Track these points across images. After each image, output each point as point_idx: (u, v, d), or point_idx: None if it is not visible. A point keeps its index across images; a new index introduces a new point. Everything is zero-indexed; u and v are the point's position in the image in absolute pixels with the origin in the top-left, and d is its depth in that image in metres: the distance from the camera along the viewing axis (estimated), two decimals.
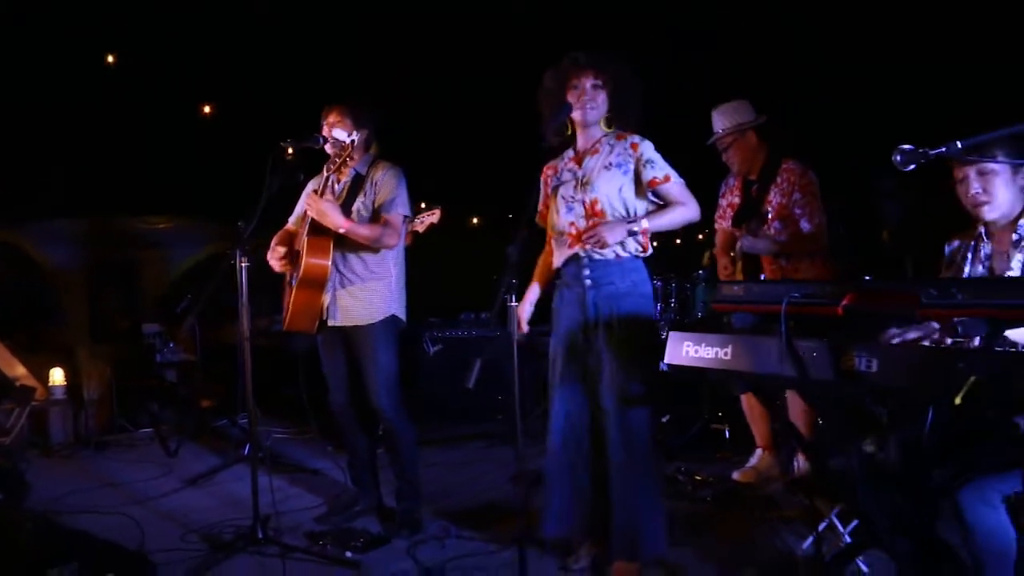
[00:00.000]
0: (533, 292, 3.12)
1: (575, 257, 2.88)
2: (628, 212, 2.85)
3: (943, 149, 1.87)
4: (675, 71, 5.54)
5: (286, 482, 4.26)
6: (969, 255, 2.53)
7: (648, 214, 2.85)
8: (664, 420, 4.51)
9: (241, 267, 3.20)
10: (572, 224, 2.89)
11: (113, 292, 5.82)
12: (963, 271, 2.54)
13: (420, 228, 4.43)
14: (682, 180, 2.88)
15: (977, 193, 2.41)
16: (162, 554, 3.17)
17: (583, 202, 2.87)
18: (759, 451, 4.06)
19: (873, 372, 2.13)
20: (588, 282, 2.86)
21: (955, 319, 1.89)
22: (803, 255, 3.80)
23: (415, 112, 6.98)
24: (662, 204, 2.89)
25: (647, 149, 2.88)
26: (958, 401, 1.92)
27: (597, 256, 2.84)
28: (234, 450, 4.74)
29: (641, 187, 2.86)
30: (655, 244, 2.92)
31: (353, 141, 3.33)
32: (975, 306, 1.84)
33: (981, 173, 2.39)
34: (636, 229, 2.79)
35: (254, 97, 6.90)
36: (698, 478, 3.95)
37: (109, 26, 6.27)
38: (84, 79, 6.49)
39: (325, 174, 3.44)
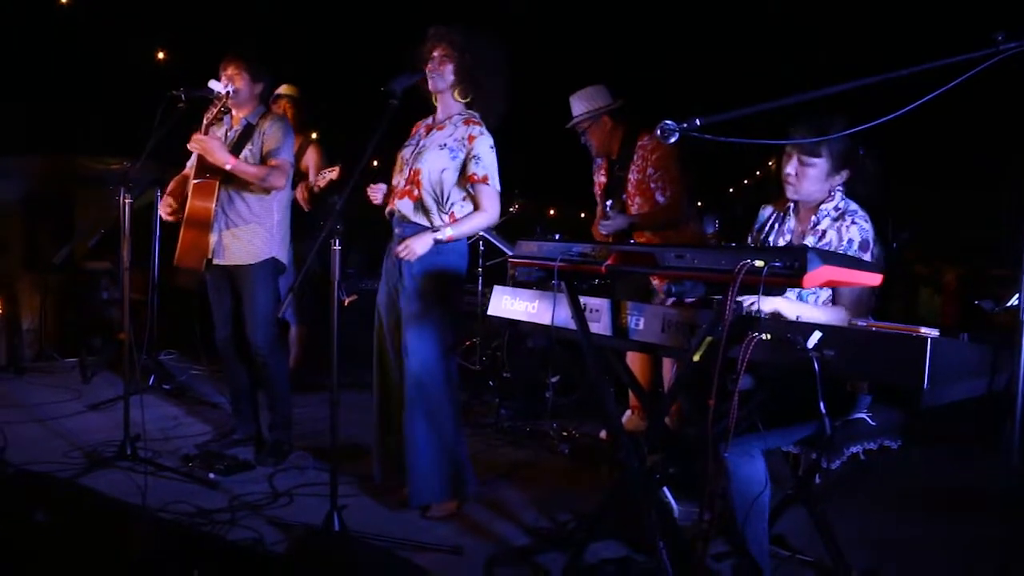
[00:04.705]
0: None
1: (391, 213, 3.14)
2: (442, 192, 3.05)
3: (684, 125, 2.03)
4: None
5: (184, 412, 4.53)
6: (777, 225, 2.72)
7: (453, 223, 3.04)
8: (553, 380, 4.73)
9: (125, 204, 3.42)
10: (399, 183, 3.12)
11: (50, 227, 6.01)
12: (768, 239, 2.74)
13: (322, 183, 4.63)
14: (497, 188, 3.07)
15: (789, 174, 2.55)
16: (45, 464, 3.43)
17: (411, 169, 3.08)
18: (628, 412, 4.30)
19: (640, 329, 2.35)
20: (400, 238, 3.09)
21: (669, 282, 2.09)
22: (666, 226, 4.00)
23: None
24: (473, 199, 3.08)
25: (480, 145, 3.04)
26: (697, 358, 2.14)
27: (409, 215, 3.07)
28: (142, 380, 4.97)
29: (463, 176, 3.06)
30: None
31: (229, 92, 3.51)
32: (700, 270, 2.04)
33: (801, 162, 2.51)
34: (442, 238, 3.01)
35: (208, 44, 7.04)
36: (564, 433, 4.20)
37: None
38: (41, 22, 6.65)
39: (205, 121, 3.61)
